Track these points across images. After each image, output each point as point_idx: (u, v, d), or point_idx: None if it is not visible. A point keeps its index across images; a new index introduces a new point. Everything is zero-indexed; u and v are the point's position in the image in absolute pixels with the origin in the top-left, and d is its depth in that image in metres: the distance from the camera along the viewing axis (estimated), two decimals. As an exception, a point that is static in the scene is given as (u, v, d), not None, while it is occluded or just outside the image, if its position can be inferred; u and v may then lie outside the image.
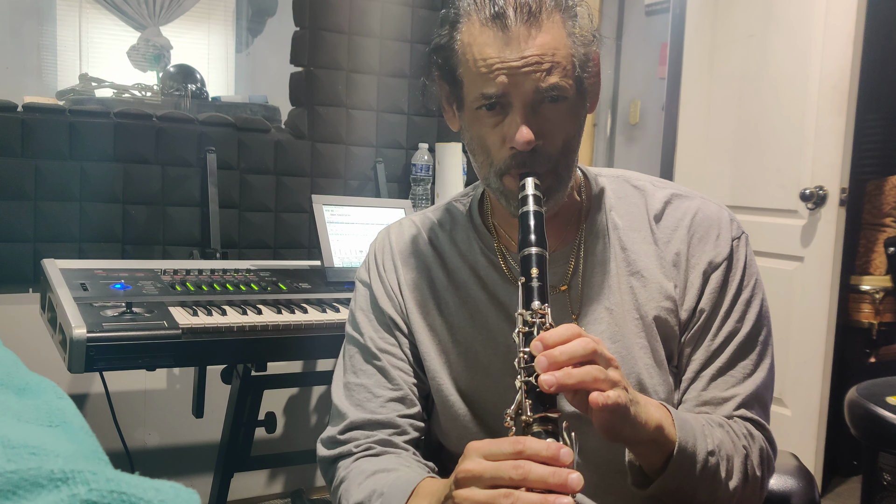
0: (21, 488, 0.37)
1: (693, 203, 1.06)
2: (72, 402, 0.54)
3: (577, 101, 0.95)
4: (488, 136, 0.94)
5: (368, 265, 1.13)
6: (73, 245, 2.26)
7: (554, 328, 0.80)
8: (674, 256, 1.02)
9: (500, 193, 0.97)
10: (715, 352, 1.01)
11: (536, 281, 0.84)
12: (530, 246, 0.87)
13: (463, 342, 1.04)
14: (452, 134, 2.81)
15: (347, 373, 1.08)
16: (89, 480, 0.38)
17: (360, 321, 1.09)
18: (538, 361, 0.77)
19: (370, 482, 0.94)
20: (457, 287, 1.06)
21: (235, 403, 2.03)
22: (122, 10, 4.68)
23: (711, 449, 0.90)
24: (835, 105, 2.63)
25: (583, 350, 0.77)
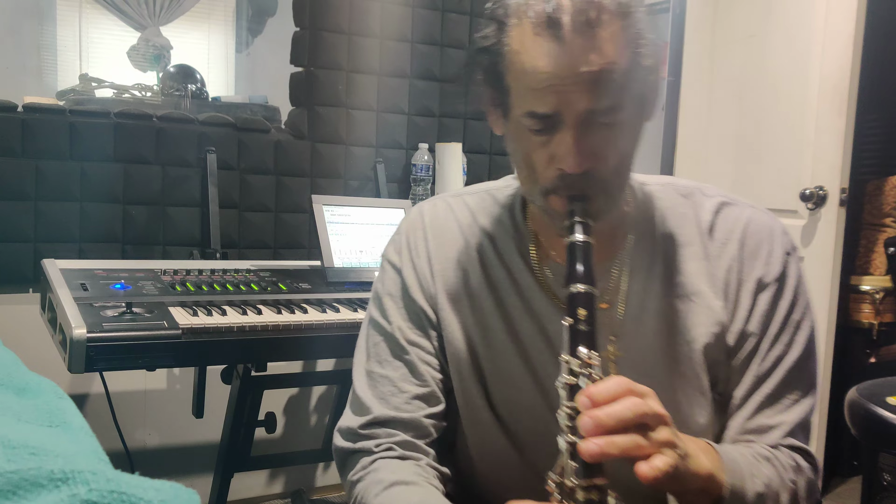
0: (21, 488, 0.37)
1: (743, 212, 0.98)
2: (72, 403, 0.54)
3: (634, 116, 0.86)
4: (534, 152, 0.86)
5: (399, 247, 1.04)
6: (73, 245, 2.26)
7: (602, 381, 0.74)
8: (725, 273, 0.95)
9: (544, 211, 0.90)
10: (761, 377, 0.94)
11: (585, 325, 0.77)
12: (578, 282, 0.79)
13: (495, 348, 0.98)
14: (453, 134, 2.81)
15: (371, 360, 1.01)
16: (89, 480, 0.38)
17: (387, 307, 1.01)
18: (582, 422, 0.71)
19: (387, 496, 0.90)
20: (491, 287, 0.99)
21: (235, 404, 2.03)
22: (122, 10, 4.67)
23: (761, 491, 0.86)
24: (835, 105, 2.63)
25: (632, 413, 0.72)
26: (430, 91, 2.78)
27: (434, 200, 1.07)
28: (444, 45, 2.79)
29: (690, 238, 0.97)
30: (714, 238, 0.97)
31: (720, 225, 0.97)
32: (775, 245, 0.96)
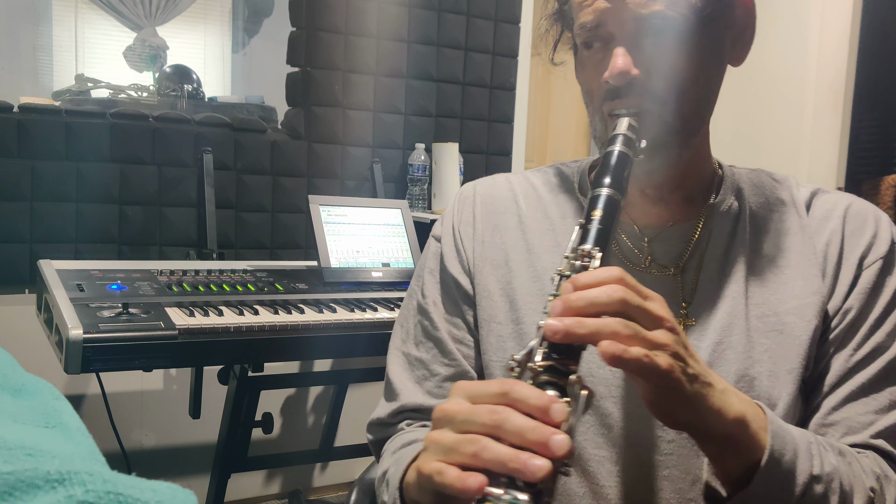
0: (17, 489, 0.37)
1: (844, 196, 0.91)
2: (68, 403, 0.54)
3: (699, 39, 0.79)
4: (590, 76, 0.83)
5: (444, 217, 0.99)
6: (69, 246, 2.26)
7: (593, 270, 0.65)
8: (824, 247, 0.87)
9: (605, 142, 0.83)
10: (857, 365, 0.83)
11: (597, 223, 0.68)
12: (602, 186, 0.71)
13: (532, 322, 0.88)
14: (449, 134, 2.81)
15: (409, 342, 0.95)
16: (86, 481, 0.38)
17: (426, 282, 0.96)
18: (552, 305, 0.62)
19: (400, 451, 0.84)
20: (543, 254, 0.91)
21: (232, 404, 2.03)
22: (118, 10, 4.67)
23: (817, 473, 0.71)
24: (831, 104, 2.64)
25: (609, 298, 0.61)
26: (427, 91, 2.78)
27: (493, 176, 1.02)
28: (440, 45, 2.79)
29: (785, 213, 0.90)
30: (811, 215, 0.89)
31: (818, 205, 0.90)
32: (881, 227, 0.88)
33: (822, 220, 0.89)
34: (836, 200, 0.90)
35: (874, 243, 0.86)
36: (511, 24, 2.92)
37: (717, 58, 0.83)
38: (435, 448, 0.60)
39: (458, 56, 2.83)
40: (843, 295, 0.85)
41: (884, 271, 0.85)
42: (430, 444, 0.61)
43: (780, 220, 0.90)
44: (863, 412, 0.81)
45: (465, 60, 2.84)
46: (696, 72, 0.80)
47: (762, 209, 0.90)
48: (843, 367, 0.83)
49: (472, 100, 2.87)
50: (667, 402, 0.64)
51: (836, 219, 0.88)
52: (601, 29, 0.79)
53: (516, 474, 0.55)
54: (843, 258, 0.86)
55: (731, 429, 0.67)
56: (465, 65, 2.84)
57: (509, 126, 2.96)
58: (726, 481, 0.72)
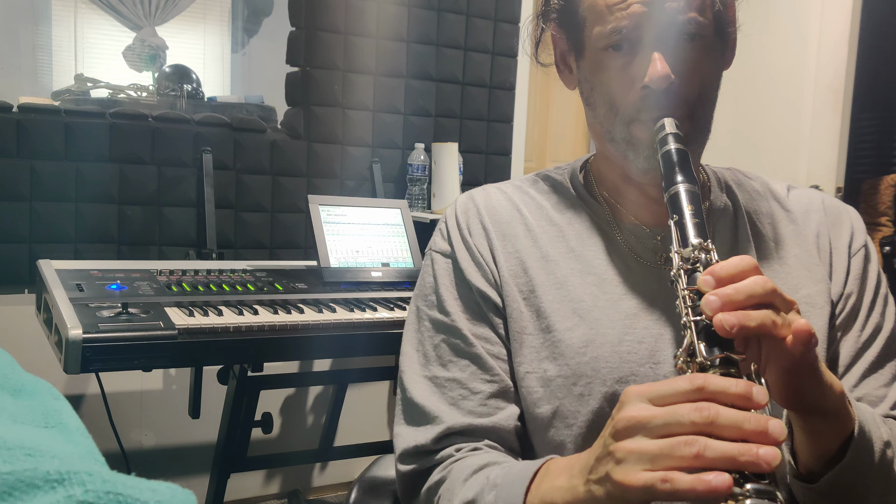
0: (17, 489, 0.37)
1: (814, 192, 0.97)
2: (68, 403, 0.54)
3: (716, 45, 0.84)
4: (614, 80, 0.83)
5: (448, 231, 0.95)
6: (68, 246, 2.26)
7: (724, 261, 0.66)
8: (815, 237, 0.92)
9: (626, 145, 0.84)
10: (864, 345, 0.88)
11: (693, 217, 0.71)
12: (678, 183, 0.74)
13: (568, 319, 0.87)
14: (449, 134, 2.81)
15: (432, 364, 0.90)
16: (85, 481, 0.38)
17: (445, 300, 0.91)
18: (706, 301, 0.62)
19: (480, 476, 0.78)
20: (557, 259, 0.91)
21: (232, 404, 2.02)
22: (117, 10, 4.67)
23: (887, 439, 0.75)
24: (830, 104, 2.64)
25: (762, 289, 0.62)
26: (427, 91, 2.78)
27: (483, 187, 1.00)
28: (440, 44, 2.79)
29: (771, 208, 0.94)
30: (792, 208, 0.94)
31: (796, 199, 0.96)
32: (854, 219, 0.95)
33: (805, 212, 0.94)
34: (809, 194, 0.96)
35: (854, 233, 0.93)
36: (510, 23, 2.92)
37: (723, 59, 0.88)
38: (637, 458, 0.57)
39: (458, 56, 2.83)
40: (841, 282, 0.90)
41: (866, 258, 0.93)
42: (628, 455, 0.58)
43: (769, 213, 0.94)
44: (876, 387, 0.87)
45: (465, 60, 2.84)
46: (715, 76, 0.85)
47: (751, 204, 0.94)
48: (854, 348, 0.88)
49: (472, 100, 2.87)
50: (804, 380, 0.65)
51: (818, 211, 0.94)
52: (635, 32, 0.80)
53: (750, 468, 0.54)
54: (833, 247, 0.92)
55: (838, 402, 0.69)
56: (465, 65, 2.84)
57: (509, 126, 2.96)
58: (820, 459, 0.73)
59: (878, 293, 0.92)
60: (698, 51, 0.81)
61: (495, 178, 2.92)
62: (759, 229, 0.92)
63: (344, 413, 2.50)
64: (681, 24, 0.79)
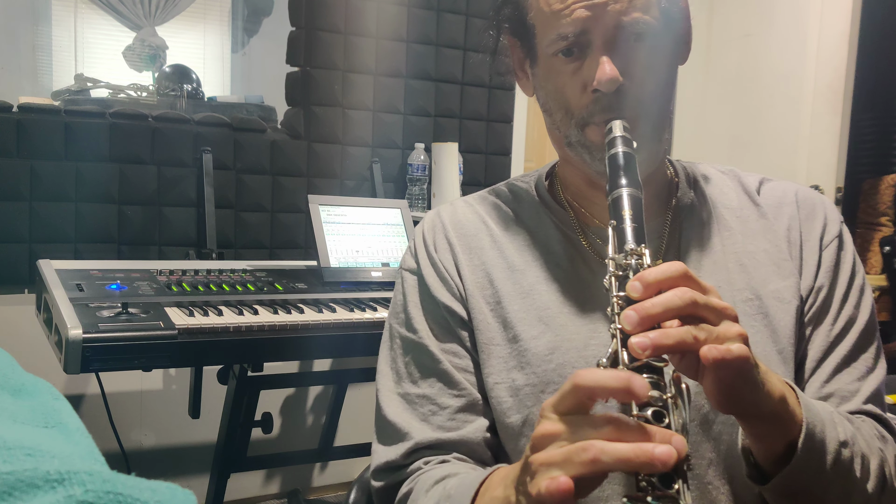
0: (17, 489, 0.37)
1: (789, 184, 0.96)
2: (68, 403, 0.54)
3: (666, 43, 0.84)
4: (566, 85, 0.83)
5: (415, 248, 0.97)
6: (68, 246, 2.26)
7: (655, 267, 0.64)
8: (785, 231, 0.92)
9: (582, 148, 0.85)
10: (836, 339, 0.88)
11: (631, 221, 0.70)
12: (621, 187, 0.73)
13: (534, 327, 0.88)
14: (449, 134, 2.81)
15: (404, 382, 0.91)
16: (85, 481, 0.38)
17: (413, 317, 0.92)
18: (625, 316, 0.61)
19: (439, 487, 0.81)
20: (524, 267, 0.91)
21: (232, 404, 2.02)
22: (117, 10, 4.67)
23: (844, 439, 0.74)
24: (830, 104, 2.64)
25: (681, 301, 0.61)
26: (426, 91, 2.78)
27: (451, 202, 1.01)
28: (439, 44, 2.79)
29: (741, 203, 0.94)
30: (764, 202, 0.94)
31: (767, 192, 0.95)
32: (828, 210, 0.94)
33: (776, 206, 0.94)
34: (783, 187, 0.96)
35: (827, 225, 0.92)
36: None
37: (676, 58, 0.88)
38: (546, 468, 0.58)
39: (457, 56, 2.83)
40: (812, 275, 0.90)
41: (839, 249, 0.92)
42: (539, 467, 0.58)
43: (738, 208, 0.94)
44: (849, 381, 0.86)
45: (464, 60, 2.84)
46: (667, 73, 0.86)
47: (719, 198, 0.95)
48: (825, 342, 0.88)
49: (472, 99, 2.87)
50: (737, 389, 0.64)
51: (790, 205, 0.93)
52: (583, 37, 0.80)
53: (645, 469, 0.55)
54: (804, 241, 0.91)
55: (777, 406, 0.69)
56: (464, 64, 2.84)
57: (508, 126, 2.96)
58: (767, 460, 0.73)
59: (853, 284, 0.91)
60: (646, 50, 0.81)
61: (495, 178, 2.93)
62: (726, 224, 0.92)
63: (344, 413, 2.49)
64: (626, 24, 0.79)
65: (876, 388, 0.87)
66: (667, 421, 0.59)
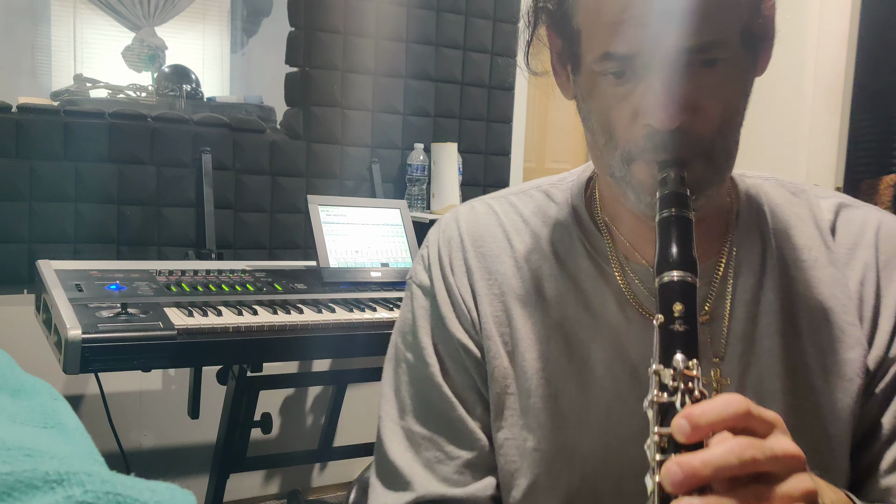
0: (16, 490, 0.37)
1: (871, 214, 0.78)
2: (67, 404, 0.54)
3: (744, 62, 0.68)
4: (613, 109, 0.68)
5: (429, 262, 0.83)
6: (67, 246, 2.26)
7: (708, 400, 0.53)
8: (858, 286, 0.74)
9: (626, 185, 0.70)
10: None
11: (681, 323, 0.57)
12: (672, 269, 0.59)
13: (552, 382, 0.76)
14: (448, 134, 2.81)
15: (408, 416, 0.80)
16: (84, 482, 0.38)
17: (423, 347, 0.80)
18: (667, 473, 0.50)
19: None
20: (548, 303, 0.78)
21: (231, 404, 2.02)
22: (116, 10, 4.67)
23: None
24: (829, 104, 2.64)
25: (738, 460, 0.49)
26: (426, 91, 2.78)
27: (472, 203, 0.86)
28: (438, 44, 2.79)
29: (810, 240, 0.77)
30: (838, 242, 0.77)
31: (844, 227, 0.77)
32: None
33: (850, 248, 0.76)
34: (863, 220, 0.78)
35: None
36: (509, 23, 2.92)
37: (753, 73, 0.72)
38: None
39: (457, 56, 2.83)
40: (884, 344, 0.73)
41: None
42: None
43: (807, 248, 0.76)
44: None
45: (464, 60, 2.84)
46: (742, 101, 0.70)
47: (786, 235, 0.77)
48: (892, 425, 0.73)
49: (471, 100, 2.87)
50: None
51: (868, 247, 0.76)
52: (636, 60, 0.65)
53: None
54: (881, 297, 0.74)
55: None
56: (464, 65, 2.84)
57: (508, 126, 2.96)
58: None
59: None
60: (720, 78, 0.66)
61: (495, 179, 2.93)
62: (788, 271, 0.75)
63: (343, 413, 2.49)
64: (694, 49, 0.63)
65: None
66: None
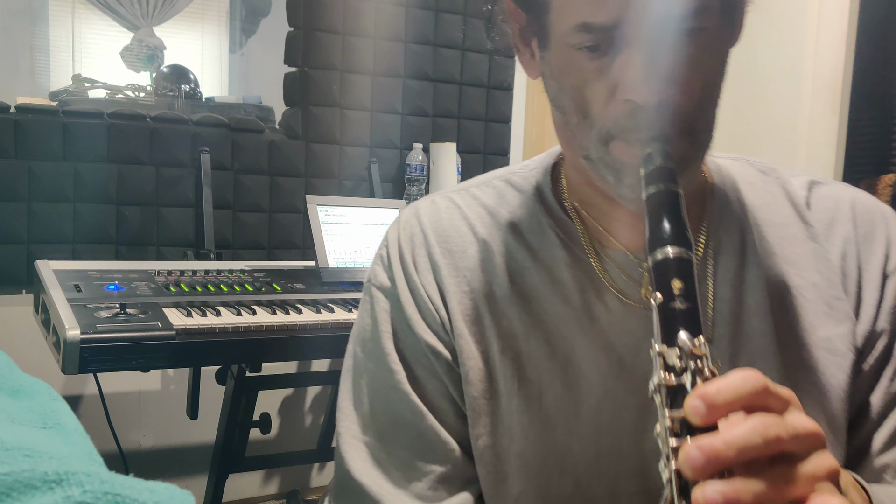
0: (15, 490, 0.37)
1: (844, 190, 0.77)
2: (66, 404, 0.54)
3: (723, 31, 0.64)
4: (588, 85, 0.63)
5: (389, 261, 0.77)
6: (66, 246, 2.26)
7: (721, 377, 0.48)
8: (839, 260, 0.73)
9: (605, 168, 0.66)
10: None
11: (682, 300, 0.52)
12: (666, 244, 0.55)
13: (534, 383, 0.71)
14: (447, 134, 2.81)
15: (371, 431, 0.74)
16: (83, 482, 0.38)
17: (387, 354, 0.74)
18: (686, 457, 0.45)
19: None
20: (523, 297, 0.73)
21: (230, 404, 2.02)
22: (115, 10, 4.66)
23: None
24: (828, 104, 2.64)
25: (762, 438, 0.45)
26: (424, 91, 2.78)
27: (432, 198, 0.80)
28: (437, 44, 2.79)
29: (786, 218, 0.74)
30: (815, 217, 0.74)
31: (818, 203, 0.75)
32: (891, 227, 0.75)
33: (828, 223, 0.75)
34: (837, 196, 0.76)
35: (891, 247, 0.74)
36: (508, 23, 2.91)
37: (730, 42, 0.68)
38: None
39: (456, 56, 2.83)
40: (871, 317, 0.72)
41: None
42: None
43: (784, 225, 0.74)
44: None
45: (463, 60, 2.84)
46: (721, 73, 0.67)
47: (762, 212, 0.75)
48: (883, 401, 0.71)
49: (470, 100, 2.87)
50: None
51: (845, 222, 0.74)
52: (615, 31, 0.61)
53: None
54: (863, 272, 0.73)
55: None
56: (463, 64, 2.84)
57: (507, 126, 2.96)
58: None
59: None
60: (701, 48, 0.62)
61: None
62: (768, 248, 0.73)
63: (342, 413, 2.49)
64: (675, 18, 0.60)
65: None
66: None
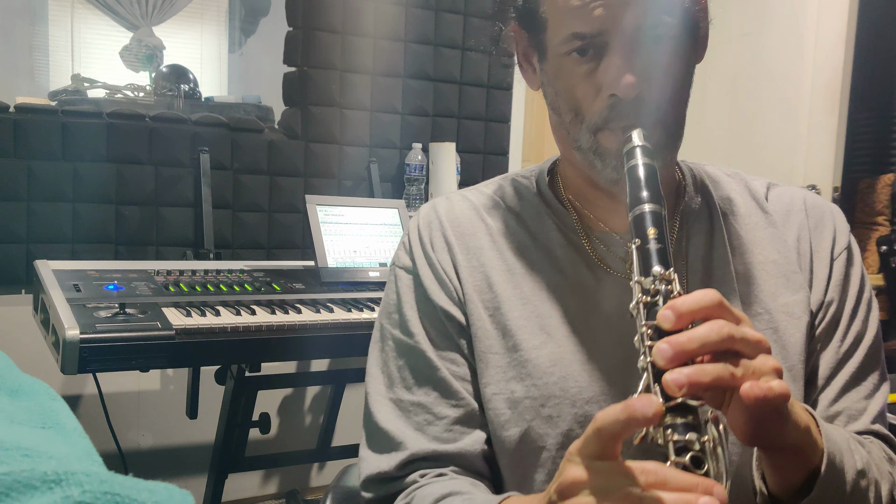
0: (14, 490, 0.37)
1: (796, 190, 0.92)
2: (65, 404, 0.54)
3: (686, 43, 0.80)
4: (578, 86, 0.79)
5: (410, 245, 0.92)
6: (65, 246, 2.26)
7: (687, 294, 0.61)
8: (795, 242, 0.88)
9: (593, 155, 0.80)
10: (845, 356, 0.85)
11: (655, 242, 0.67)
12: (643, 203, 0.70)
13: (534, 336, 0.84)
14: (446, 134, 2.81)
15: (397, 387, 0.87)
16: (83, 482, 0.38)
17: (409, 320, 0.88)
18: (658, 350, 0.58)
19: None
20: (524, 270, 0.87)
21: (229, 404, 2.02)
22: (114, 10, 4.66)
23: (861, 468, 0.72)
24: (827, 104, 2.64)
25: (718, 335, 0.58)
26: (424, 90, 2.78)
27: (447, 195, 0.95)
28: (437, 44, 2.79)
29: (748, 209, 0.90)
30: (773, 210, 0.90)
31: (776, 199, 0.91)
32: (837, 219, 0.91)
33: (785, 213, 0.90)
34: (791, 193, 0.92)
35: (837, 235, 0.89)
36: (508, 23, 2.91)
37: (694, 58, 0.83)
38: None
39: (455, 56, 2.83)
40: (822, 289, 0.87)
41: (848, 261, 0.89)
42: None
43: (747, 215, 0.90)
44: (857, 399, 0.84)
45: (462, 60, 2.84)
46: (686, 75, 0.81)
47: (728, 205, 0.91)
48: (834, 360, 0.85)
49: (469, 99, 2.87)
50: (768, 423, 0.63)
51: (799, 213, 0.90)
52: (599, 38, 0.76)
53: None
54: (814, 252, 0.88)
55: (802, 438, 0.67)
56: (462, 64, 2.84)
57: (506, 126, 2.96)
58: (784, 490, 0.71)
59: (861, 299, 0.88)
60: (667, 53, 0.77)
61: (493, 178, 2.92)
62: (735, 232, 0.89)
63: (341, 413, 2.49)
64: (647, 26, 0.75)
65: (882, 407, 0.85)
66: (706, 468, 0.55)
